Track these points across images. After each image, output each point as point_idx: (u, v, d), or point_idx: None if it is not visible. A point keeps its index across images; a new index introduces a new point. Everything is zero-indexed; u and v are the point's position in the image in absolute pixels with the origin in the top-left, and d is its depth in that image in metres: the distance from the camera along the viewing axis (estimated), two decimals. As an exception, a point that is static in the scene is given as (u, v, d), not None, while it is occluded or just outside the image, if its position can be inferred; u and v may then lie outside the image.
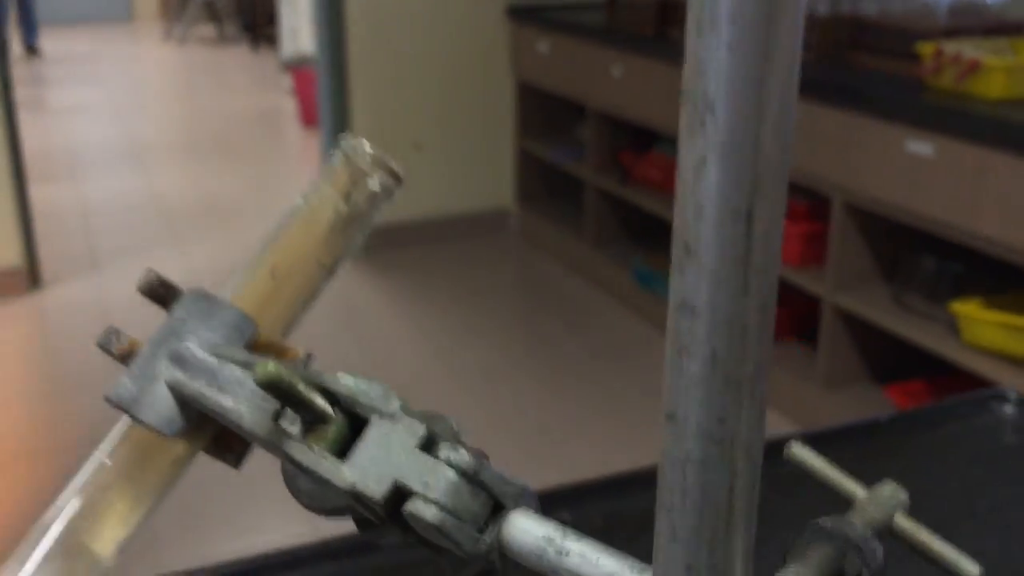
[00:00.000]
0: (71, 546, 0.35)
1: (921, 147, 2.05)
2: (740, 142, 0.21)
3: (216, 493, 2.20)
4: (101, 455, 0.37)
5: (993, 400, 0.71)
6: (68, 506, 0.36)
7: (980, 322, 2.04)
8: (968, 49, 2.12)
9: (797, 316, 2.71)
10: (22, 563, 0.34)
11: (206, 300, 0.37)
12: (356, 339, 3.06)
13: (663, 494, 0.24)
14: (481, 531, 0.31)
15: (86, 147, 5.22)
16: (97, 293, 3.32)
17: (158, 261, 3.60)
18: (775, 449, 0.34)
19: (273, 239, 0.40)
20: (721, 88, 0.20)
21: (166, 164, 5.00)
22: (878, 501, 0.32)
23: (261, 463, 0.36)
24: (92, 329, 2.67)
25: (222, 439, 0.37)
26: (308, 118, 5.39)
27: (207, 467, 0.38)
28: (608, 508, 0.63)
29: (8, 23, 7.34)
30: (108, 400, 0.36)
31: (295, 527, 2.12)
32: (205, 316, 0.37)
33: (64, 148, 5.17)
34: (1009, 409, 0.70)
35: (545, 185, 3.83)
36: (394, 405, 0.32)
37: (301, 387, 0.31)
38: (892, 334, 2.24)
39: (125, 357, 0.37)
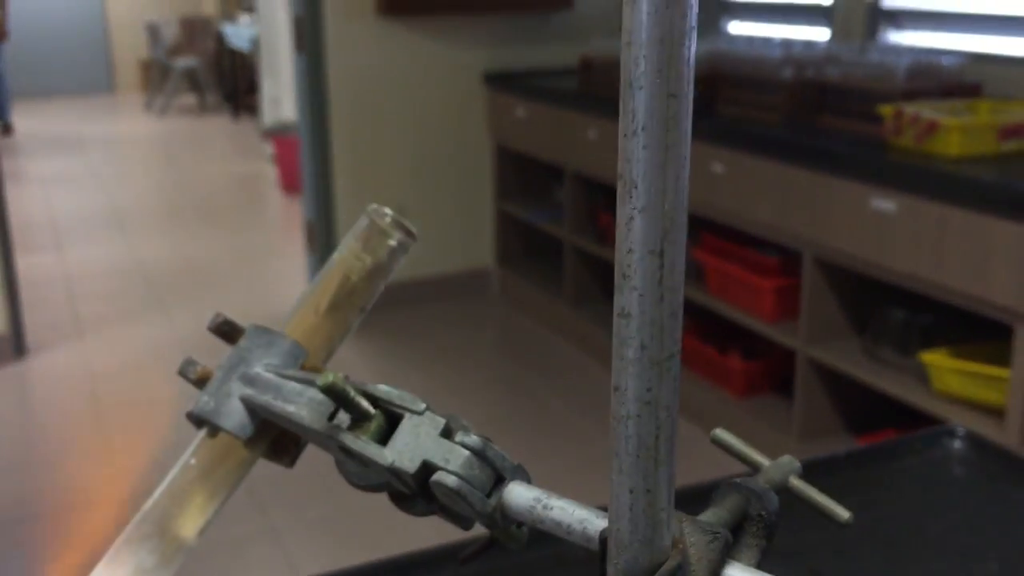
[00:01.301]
0: (163, 529, 0.44)
1: (885, 204, 2.13)
2: (653, 206, 0.32)
3: (205, 557, 2.22)
4: (186, 457, 0.46)
5: (944, 436, 0.76)
6: (161, 498, 0.45)
7: (948, 371, 2.11)
8: (926, 110, 2.22)
9: (772, 369, 2.77)
10: (128, 542, 0.44)
11: (266, 333, 0.47)
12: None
13: (613, 443, 0.35)
14: (488, 496, 0.41)
15: (68, 217, 5.27)
16: (82, 359, 3.34)
17: (142, 327, 3.63)
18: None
19: (316, 283, 0.50)
20: (640, 172, 0.32)
21: (148, 232, 5.05)
22: (777, 467, 0.44)
23: (248, 528, 0.45)
24: (78, 397, 2.72)
25: (278, 445, 0.46)
26: (289, 184, 5.47)
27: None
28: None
29: (7, 105, 7.41)
30: (190, 415, 0.45)
31: (283, 588, 2.13)
32: (266, 345, 0.47)
33: (47, 218, 5.22)
34: (958, 444, 0.76)
35: (524, 245, 3.91)
36: (420, 405, 0.42)
37: (351, 392, 0.41)
38: (865, 385, 2.30)
39: (200, 381, 0.46)
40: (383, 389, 0.43)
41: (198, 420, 0.46)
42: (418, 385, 3.18)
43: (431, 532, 1.10)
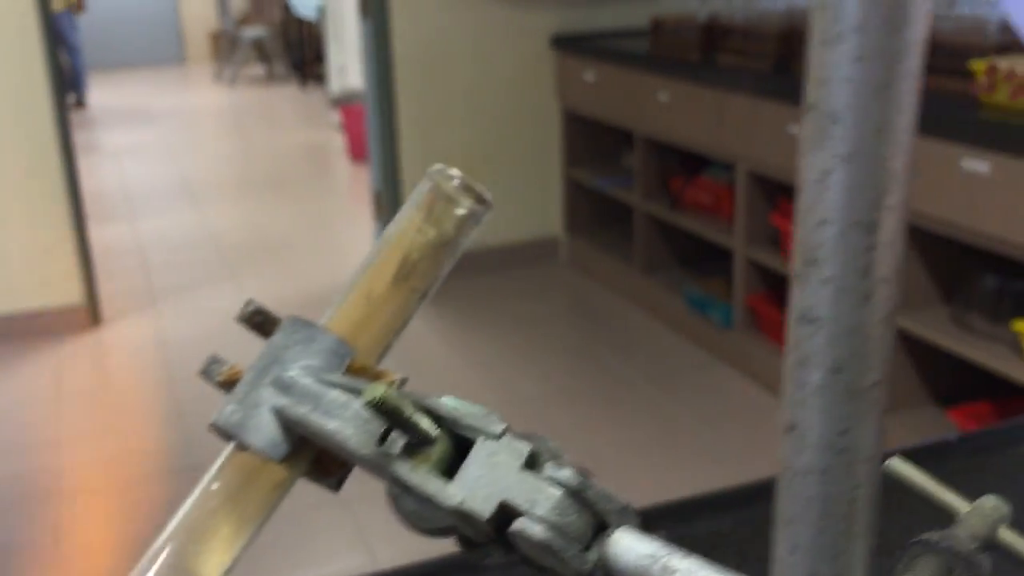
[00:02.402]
0: (181, 571, 0.36)
1: (977, 165, 2.02)
2: (865, 153, 0.21)
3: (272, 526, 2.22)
4: (207, 481, 0.37)
5: (1070, 418, 0.70)
6: (176, 531, 0.37)
7: (1045, 341, 2.00)
8: (1021, 65, 2.09)
9: (854, 338, 2.67)
10: None
11: (305, 327, 0.38)
12: (407, 369, 3.06)
13: (783, 506, 0.24)
14: (586, 549, 0.31)
15: (141, 187, 5.34)
16: (156, 329, 3.38)
17: (214, 297, 3.65)
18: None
19: (366, 264, 0.40)
20: (847, 99, 0.20)
21: (219, 201, 5.09)
22: (981, 515, 0.31)
23: (317, 494, 0.37)
24: (152, 365, 2.74)
25: (321, 463, 0.37)
26: (356, 152, 5.46)
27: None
28: (679, 533, 0.62)
29: (82, 81, 7.51)
30: (214, 426, 0.36)
31: (352, 560, 2.12)
32: (305, 342, 0.38)
33: (120, 188, 5.29)
34: (1087, 427, 0.69)
35: (594, 212, 3.84)
36: (498, 426, 0.33)
37: (408, 409, 0.32)
38: (954, 355, 2.20)
39: (227, 384, 0.38)
40: (449, 405, 0.33)
41: (224, 433, 0.37)
42: (486, 354, 3.15)
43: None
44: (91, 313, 3.38)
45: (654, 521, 0.66)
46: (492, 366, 3.07)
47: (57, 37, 3.36)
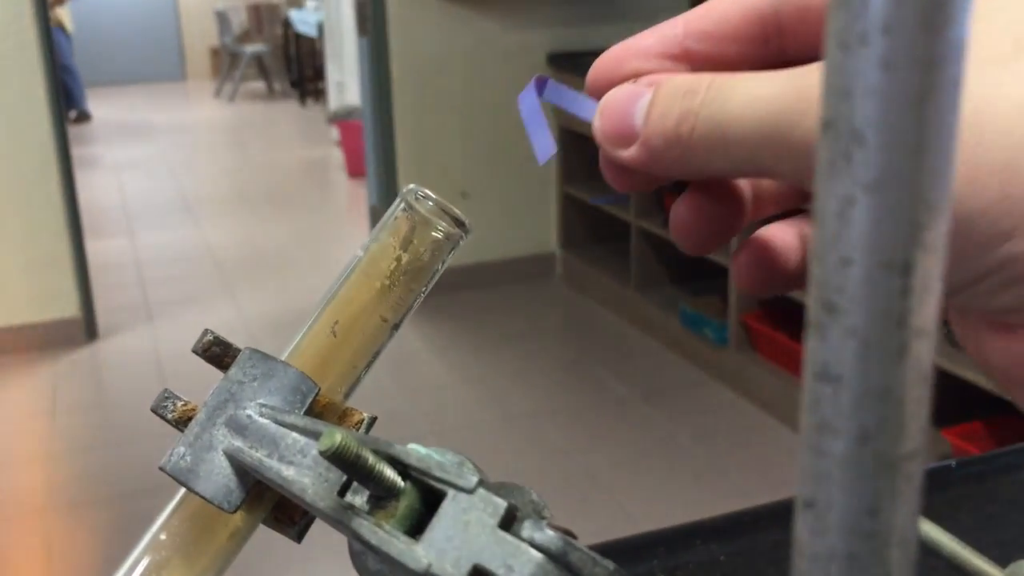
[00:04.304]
0: None
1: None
2: (896, 180, 0.17)
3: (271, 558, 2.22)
4: (155, 530, 0.34)
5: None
6: None
7: (1036, 359, 2.00)
8: None
9: (847, 356, 2.68)
10: None
11: (263, 360, 0.35)
12: (403, 385, 3.07)
13: None
14: None
15: (140, 202, 5.35)
16: (152, 344, 3.38)
17: (211, 312, 3.66)
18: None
19: (332, 294, 0.37)
20: (872, 115, 0.17)
21: (217, 216, 5.10)
22: None
23: (321, 527, 0.35)
24: (148, 380, 2.74)
25: (283, 510, 0.34)
26: (354, 169, 5.48)
27: (261, 531, 0.36)
28: (671, 562, 0.61)
29: (82, 93, 7.54)
30: (163, 470, 0.34)
31: None
32: (264, 378, 0.34)
33: (119, 203, 5.31)
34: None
35: (589, 229, 3.85)
36: (472, 478, 0.29)
37: (370, 458, 0.29)
38: (946, 372, 2.20)
39: (181, 422, 0.35)
40: (418, 453, 0.30)
41: (174, 479, 0.34)
42: (480, 370, 3.15)
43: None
44: (87, 327, 3.39)
45: (647, 550, 0.65)
46: (486, 382, 3.08)
47: (56, 52, 3.38)
